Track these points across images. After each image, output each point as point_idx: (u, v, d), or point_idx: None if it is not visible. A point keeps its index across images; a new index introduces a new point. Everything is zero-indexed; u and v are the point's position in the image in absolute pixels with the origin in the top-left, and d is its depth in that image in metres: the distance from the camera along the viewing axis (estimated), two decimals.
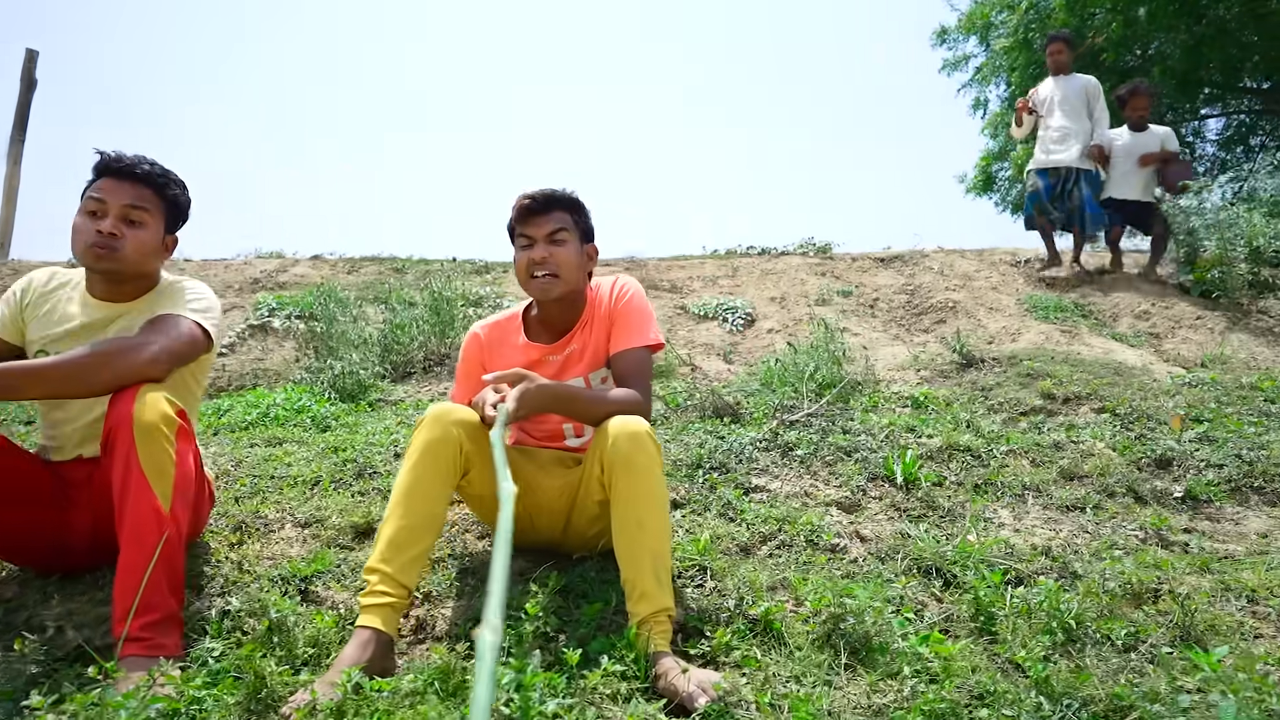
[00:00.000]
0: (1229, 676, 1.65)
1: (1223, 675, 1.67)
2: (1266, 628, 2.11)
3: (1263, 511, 2.87)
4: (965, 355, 4.53)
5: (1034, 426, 3.56)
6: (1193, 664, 1.85)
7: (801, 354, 4.08)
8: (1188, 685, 1.74)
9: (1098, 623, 1.99)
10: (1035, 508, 2.87)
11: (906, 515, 2.74)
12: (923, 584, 2.27)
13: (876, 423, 3.49)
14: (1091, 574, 2.27)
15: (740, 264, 7.21)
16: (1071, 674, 1.74)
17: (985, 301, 6.02)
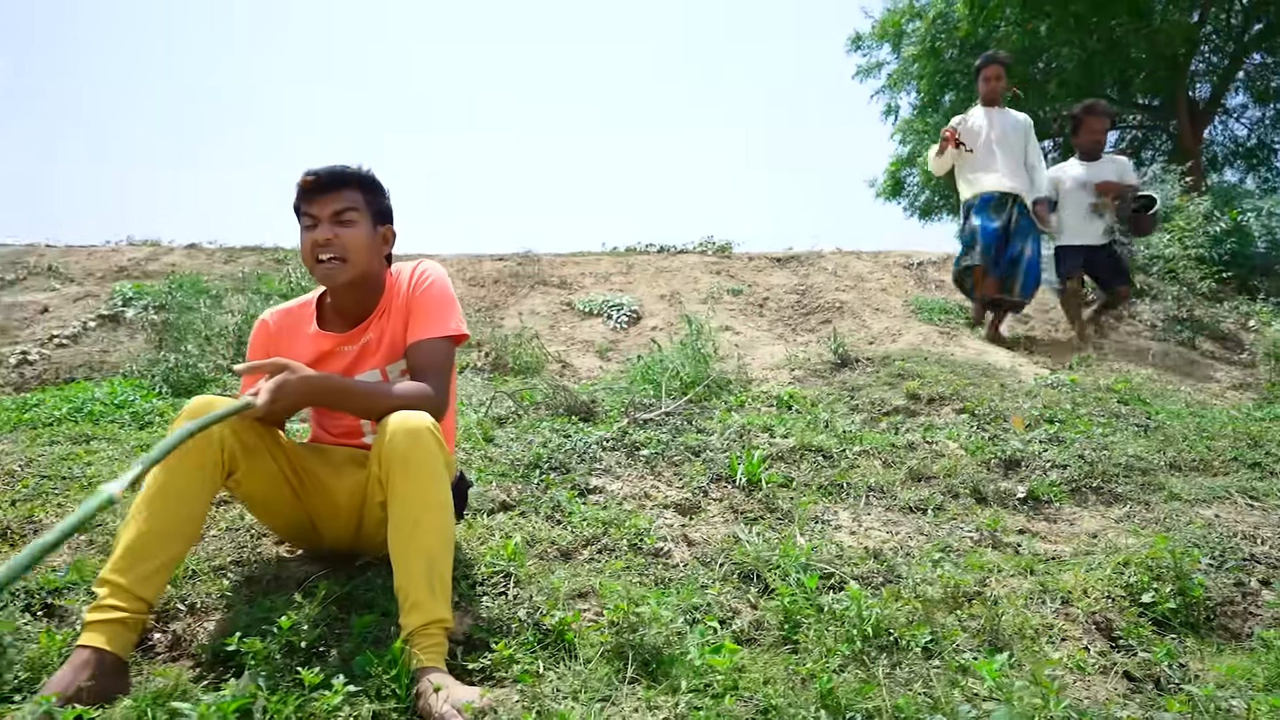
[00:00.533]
0: (1006, 685, 1.58)
1: (1001, 684, 1.59)
2: (1075, 629, 2.07)
3: (1098, 511, 2.87)
4: (841, 355, 4.50)
5: (893, 427, 3.52)
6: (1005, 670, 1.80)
7: (668, 352, 3.97)
8: (979, 693, 1.67)
9: (903, 629, 1.91)
10: (878, 509, 2.81)
11: (743, 517, 2.64)
12: (740, 590, 2.17)
13: (734, 422, 3.40)
14: (911, 578, 2.19)
15: (636, 261, 7.10)
16: (859, 684, 1.65)
17: (873, 302, 6.04)
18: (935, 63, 12.72)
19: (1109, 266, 5.27)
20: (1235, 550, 2.43)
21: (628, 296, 5.92)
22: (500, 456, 2.97)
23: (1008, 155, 5.22)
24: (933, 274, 6.87)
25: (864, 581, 2.26)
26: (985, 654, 1.88)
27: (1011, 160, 5.23)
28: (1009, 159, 5.23)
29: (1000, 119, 5.30)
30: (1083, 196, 5.24)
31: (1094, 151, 5.35)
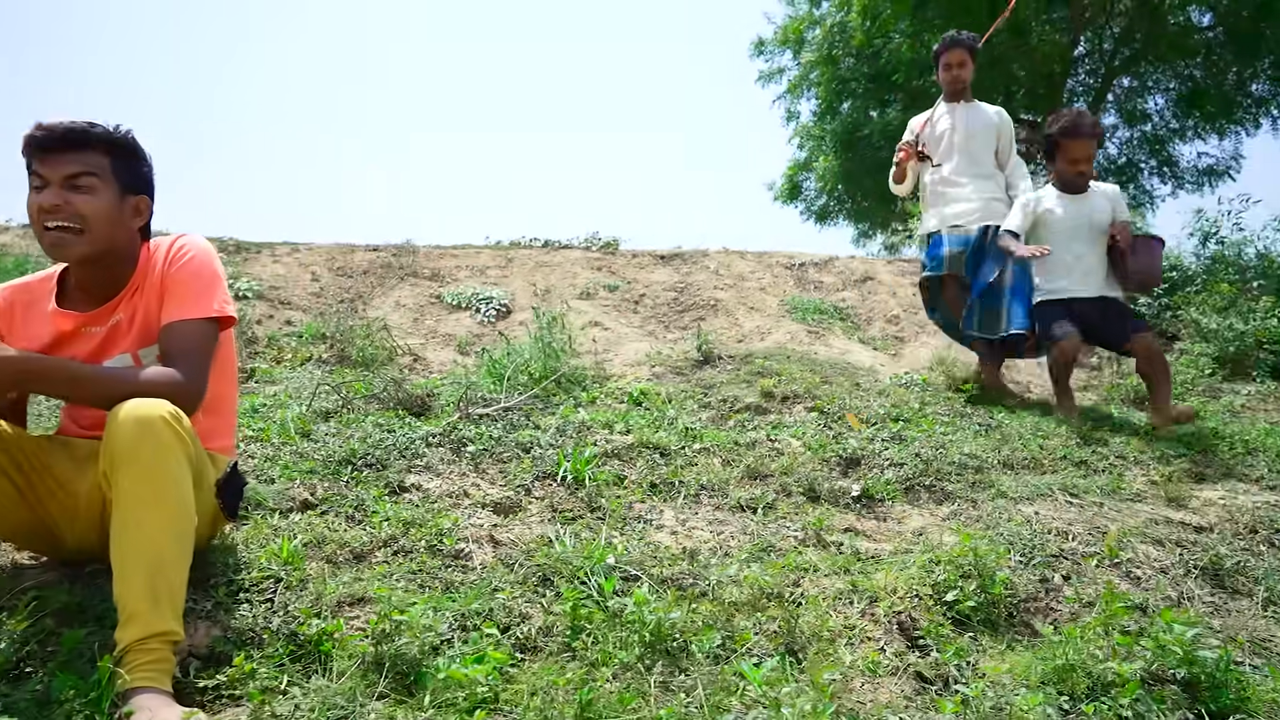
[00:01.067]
0: (773, 692, 1.51)
1: (768, 692, 1.52)
2: (877, 630, 2.02)
3: (928, 509, 2.87)
4: (704, 353, 4.45)
5: (740, 425, 3.47)
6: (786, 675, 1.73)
7: (520, 346, 3.83)
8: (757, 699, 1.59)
9: (690, 633, 1.82)
10: (707, 508, 2.73)
11: (561, 517, 2.52)
12: (536, 594, 2.04)
13: (576, 419, 3.28)
14: (714, 579, 2.11)
15: (517, 256, 6.93)
16: (622, 694, 1.54)
17: (749, 301, 6.04)
18: (833, 70, 12.96)
19: (1113, 317, 3.85)
20: (1045, 547, 2.44)
21: (499, 290, 5.75)
22: (313, 452, 2.77)
23: (976, 166, 4.31)
24: (813, 275, 6.94)
25: (672, 583, 2.17)
26: (779, 657, 1.81)
27: (982, 176, 4.31)
28: (978, 171, 4.31)
29: (968, 116, 4.36)
30: (1065, 240, 3.89)
31: (1078, 183, 3.96)
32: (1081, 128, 3.89)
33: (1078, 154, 3.88)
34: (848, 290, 6.52)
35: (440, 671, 1.52)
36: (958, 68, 4.36)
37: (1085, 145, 3.90)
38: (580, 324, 5.15)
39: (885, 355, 5.03)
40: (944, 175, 4.36)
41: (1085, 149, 3.91)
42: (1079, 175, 3.92)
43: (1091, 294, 3.87)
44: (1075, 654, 1.79)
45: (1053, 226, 3.94)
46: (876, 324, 5.86)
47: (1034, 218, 3.97)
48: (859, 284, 6.69)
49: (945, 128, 4.38)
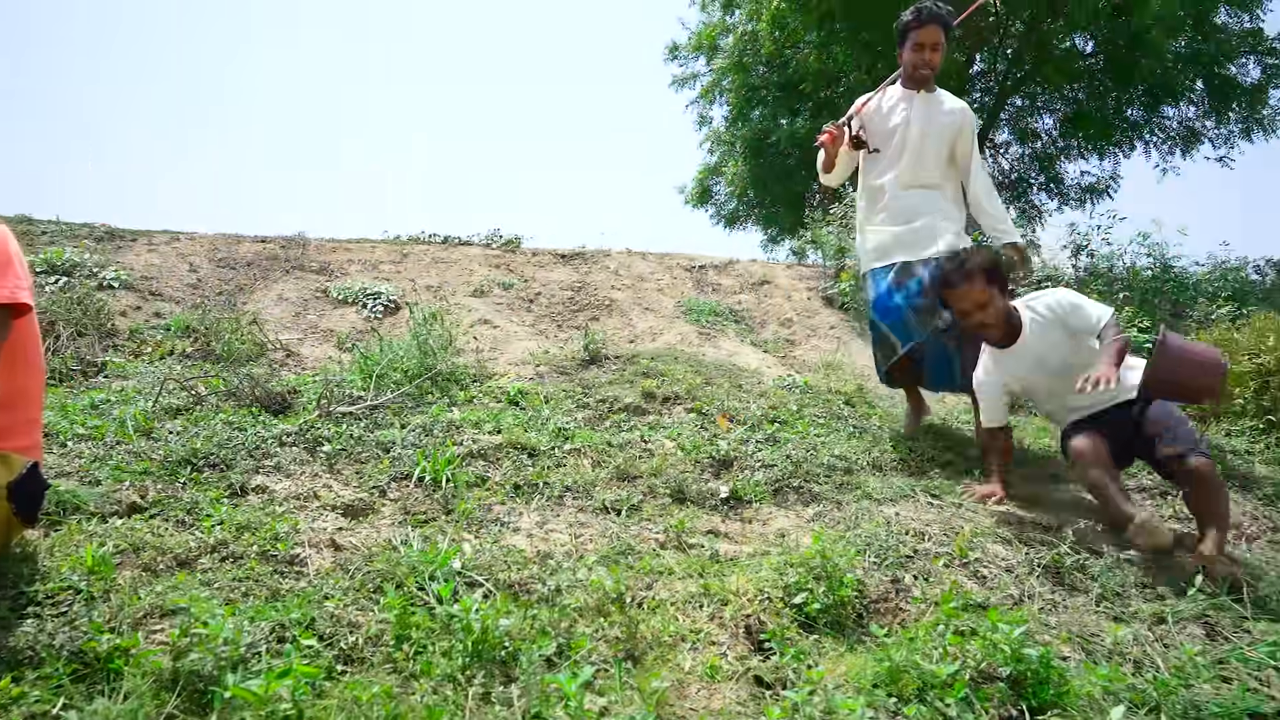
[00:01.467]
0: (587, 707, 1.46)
1: (579, 706, 1.47)
2: (723, 634, 2.00)
3: (794, 511, 2.88)
4: (592, 353, 4.39)
5: (616, 425, 3.43)
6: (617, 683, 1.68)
7: (395, 343, 3.70)
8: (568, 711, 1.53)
9: (521, 641, 1.76)
10: (570, 509, 2.68)
11: (414, 519, 2.43)
12: (371, 600, 1.94)
13: (445, 418, 3.18)
14: (558, 583, 2.06)
15: (413, 251, 6.74)
16: (429, 709, 1.47)
17: (646, 302, 6.02)
18: (743, 78, 13.10)
19: (1135, 434, 2.83)
20: (899, 548, 2.47)
21: (389, 286, 5.57)
22: (150, 452, 2.59)
23: (926, 173, 3.52)
24: (712, 277, 6.97)
25: (520, 588, 2.11)
26: (615, 664, 1.77)
27: (931, 186, 3.53)
28: (928, 180, 3.53)
29: (928, 111, 3.50)
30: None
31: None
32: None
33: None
34: (745, 293, 6.57)
35: (228, 690, 1.40)
36: (930, 50, 3.43)
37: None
38: (468, 322, 5.03)
39: (774, 358, 5.08)
40: (886, 183, 3.54)
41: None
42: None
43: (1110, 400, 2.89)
44: (907, 655, 1.80)
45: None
46: (770, 327, 5.92)
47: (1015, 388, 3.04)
48: (756, 287, 6.76)
49: (899, 121, 3.51)
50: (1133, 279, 6.19)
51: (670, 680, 1.75)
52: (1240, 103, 11.42)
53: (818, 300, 6.56)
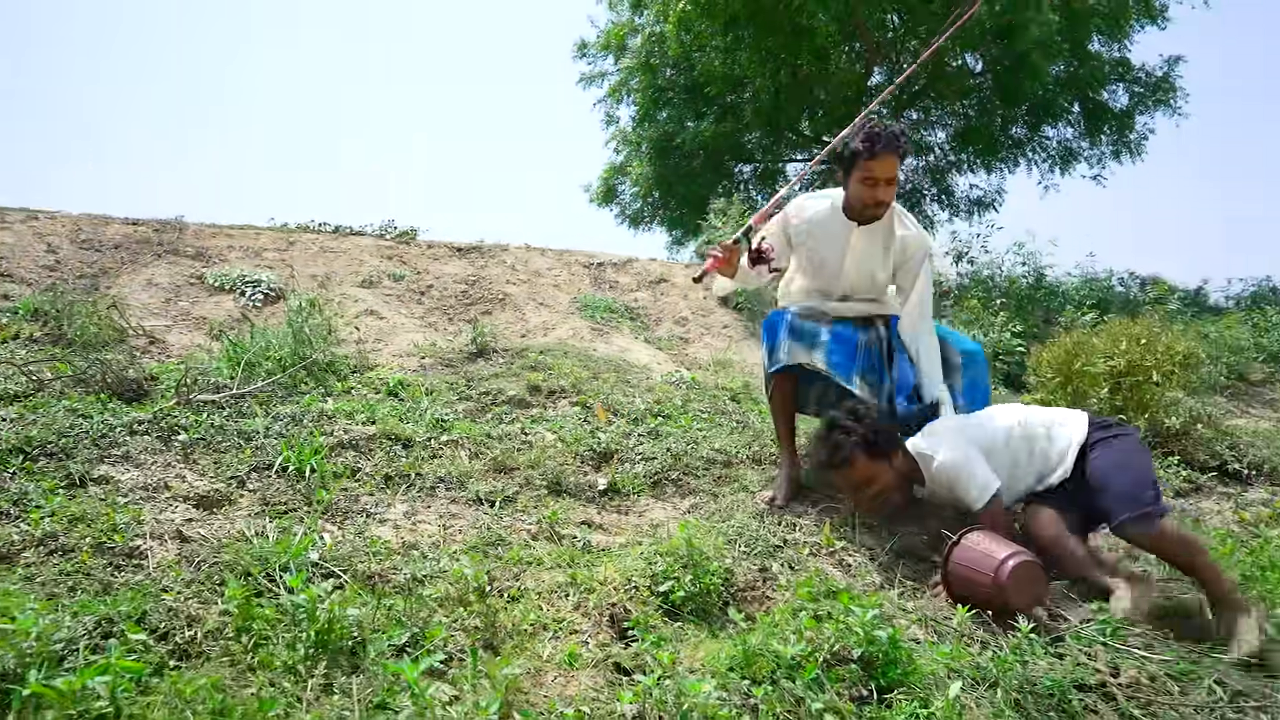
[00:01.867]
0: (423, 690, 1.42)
1: (419, 689, 1.43)
2: (587, 623, 1.99)
3: (670, 503, 2.91)
4: (480, 345, 4.32)
5: (498, 417, 3.38)
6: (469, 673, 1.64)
7: (269, 330, 3.55)
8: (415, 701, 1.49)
9: (371, 631, 1.70)
10: (442, 501, 2.62)
11: (273, 510, 2.32)
12: (215, 593, 1.85)
13: (318, 408, 3.07)
14: (414, 574, 2.01)
15: (301, 240, 6.49)
16: (261, 700, 1.40)
17: (541, 297, 5.97)
18: (651, 78, 13.18)
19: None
20: (769, 538, 2.52)
21: (271, 274, 5.35)
22: None
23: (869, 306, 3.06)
24: (610, 275, 6.97)
25: (380, 579, 2.04)
26: (470, 653, 1.73)
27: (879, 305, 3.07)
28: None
29: (869, 246, 2.96)
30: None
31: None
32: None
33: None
34: (642, 291, 6.61)
35: (27, 688, 1.30)
36: (885, 185, 2.83)
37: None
38: (354, 312, 4.88)
39: (666, 355, 5.12)
40: (819, 300, 3.06)
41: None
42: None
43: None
44: (763, 639, 1.84)
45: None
46: (665, 325, 5.97)
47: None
48: (654, 285, 6.80)
49: (834, 254, 2.98)
50: (1010, 287, 6.53)
51: (526, 668, 1.73)
52: (1111, 126, 12.22)
53: (713, 300, 6.65)
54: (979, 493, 2.52)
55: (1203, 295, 10.97)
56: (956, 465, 2.54)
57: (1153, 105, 11.92)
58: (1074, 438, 2.59)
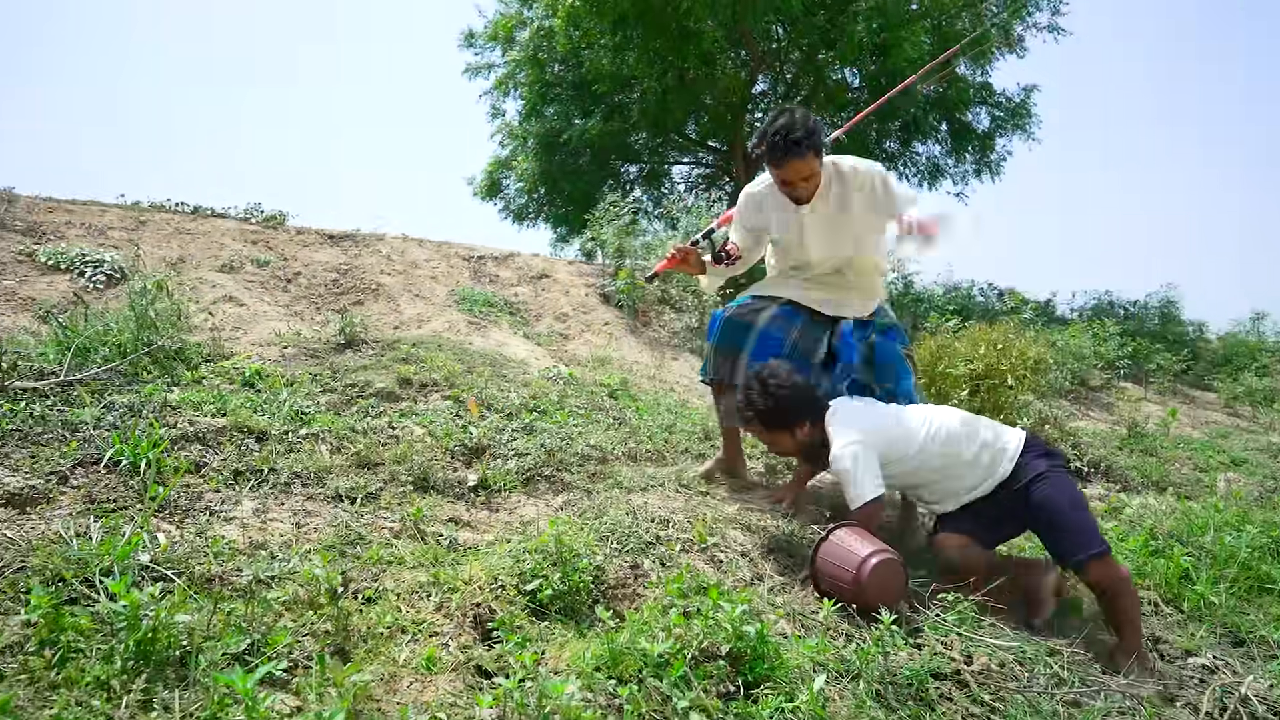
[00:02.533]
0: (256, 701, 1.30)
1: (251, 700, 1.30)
2: (449, 624, 1.89)
3: (543, 499, 2.83)
4: (349, 336, 4.11)
5: (364, 410, 3.21)
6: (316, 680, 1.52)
7: (108, 314, 3.24)
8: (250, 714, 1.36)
9: (203, 639, 1.55)
10: (297, 498, 2.45)
11: (99, 509, 2.10)
12: (19, 601, 1.64)
13: (161, 398, 2.83)
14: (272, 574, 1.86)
15: (154, 219, 6.02)
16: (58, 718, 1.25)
17: (417, 289, 5.76)
18: (538, 73, 13.02)
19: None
20: (641, 535, 2.48)
21: (116, 254, 4.92)
22: None
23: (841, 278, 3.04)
24: (491, 268, 6.82)
25: (222, 582, 1.88)
26: (318, 659, 1.60)
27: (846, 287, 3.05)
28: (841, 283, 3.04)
29: (824, 223, 2.93)
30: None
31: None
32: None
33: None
34: (523, 286, 6.49)
35: None
36: (800, 182, 2.80)
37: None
38: (210, 298, 4.56)
39: (545, 350, 5.03)
40: (790, 268, 3.11)
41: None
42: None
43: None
44: (631, 638, 1.79)
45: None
46: (545, 320, 5.88)
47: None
48: (535, 280, 6.70)
49: (793, 230, 2.97)
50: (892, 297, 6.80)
51: (379, 673, 1.62)
52: (974, 146, 12.96)
53: (595, 297, 6.61)
54: (856, 495, 2.54)
55: (1052, 306, 11.81)
56: (844, 462, 2.55)
57: (1011, 129, 12.72)
58: (1009, 449, 2.58)
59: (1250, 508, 3.82)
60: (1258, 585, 2.91)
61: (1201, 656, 2.40)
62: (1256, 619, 2.66)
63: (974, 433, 2.62)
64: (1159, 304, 11.63)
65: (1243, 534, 3.16)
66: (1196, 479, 4.66)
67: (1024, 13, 11.46)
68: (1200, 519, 3.39)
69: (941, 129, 13.00)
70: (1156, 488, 4.36)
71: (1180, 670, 2.29)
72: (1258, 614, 2.71)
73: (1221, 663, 2.35)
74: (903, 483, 2.71)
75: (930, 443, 2.60)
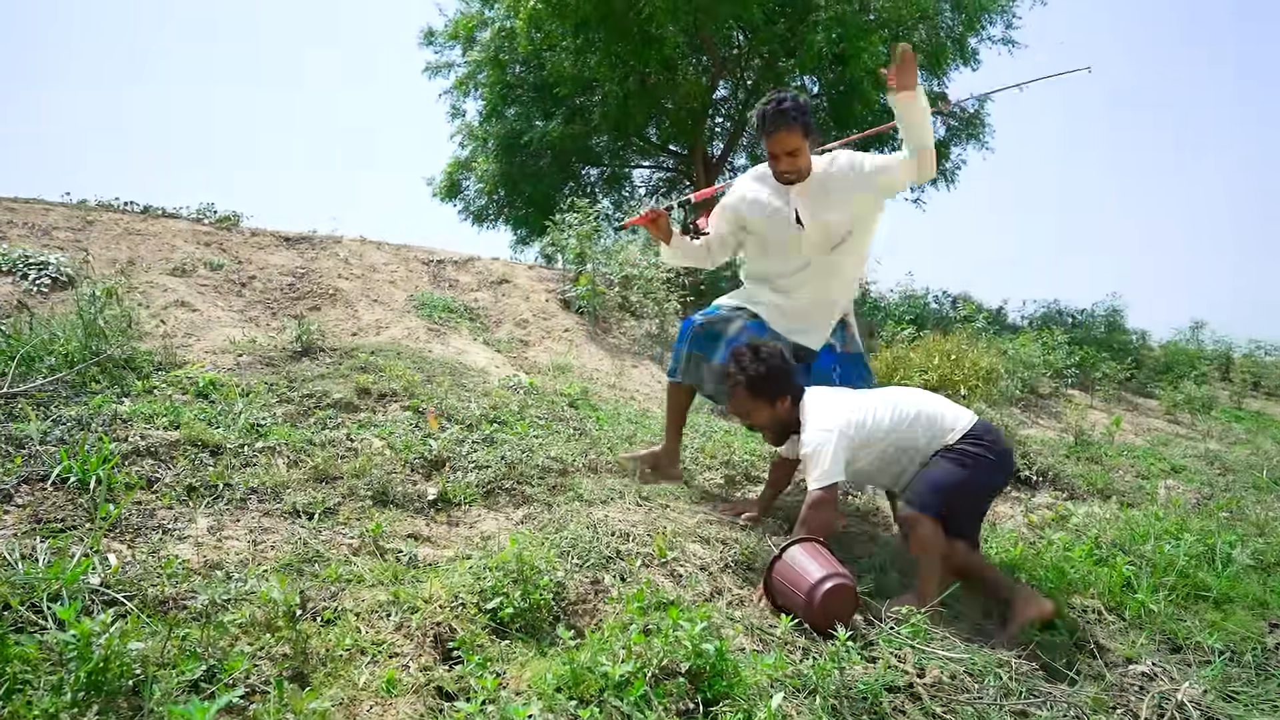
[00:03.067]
0: None
1: None
2: (409, 644, 1.89)
3: (503, 513, 2.83)
4: (305, 343, 4.06)
5: (322, 422, 3.17)
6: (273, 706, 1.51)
7: (54, 321, 3.16)
8: None
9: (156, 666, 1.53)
10: (254, 513, 2.42)
11: (45, 529, 2.06)
12: None
13: (111, 410, 2.76)
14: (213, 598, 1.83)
15: (101, 219, 5.86)
16: None
17: (375, 294, 5.70)
18: (499, 74, 12.93)
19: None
20: (602, 549, 2.49)
21: (62, 255, 4.79)
22: None
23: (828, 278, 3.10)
24: (451, 273, 6.77)
25: (176, 604, 1.85)
26: (276, 684, 1.59)
27: (827, 303, 3.15)
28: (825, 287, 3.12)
29: (814, 203, 3.01)
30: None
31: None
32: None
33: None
34: (483, 291, 6.46)
35: None
36: (787, 157, 2.94)
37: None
38: (161, 303, 4.46)
39: (505, 358, 5.02)
40: (768, 273, 3.17)
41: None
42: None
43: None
44: (591, 657, 1.81)
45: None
46: (505, 326, 5.86)
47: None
48: (495, 285, 6.67)
49: (779, 215, 3.05)
50: None
51: (338, 698, 1.62)
52: None
53: (556, 303, 6.60)
54: (819, 475, 2.63)
55: (1003, 314, 12.09)
56: (816, 445, 2.65)
57: (965, 138, 12.99)
58: (959, 427, 2.73)
59: (1188, 515, 3.97)
60: (1194, 593, 3.02)
61: (1141, 664, 2.48)
62: (1193, 625, 2.76)
63: (931, 416, 2.76)
64: (1105, 313, 11.97)
65: (1180, 542, 3.29)
66: (1139, 486, 4.82)
67: (978, 27, 11.71)
68: (1141, 528, 3.52)
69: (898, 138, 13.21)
70: (1101, 495, 4.50)
71: (1122, 677, 2.37)
72: (1194, 620, 2.81)
73: (1160, 669, 2.43)
74: (870, 467, 2.80)
75: (896, 428, 2.73)
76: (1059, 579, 2.92)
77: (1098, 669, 2.41)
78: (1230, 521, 3.91)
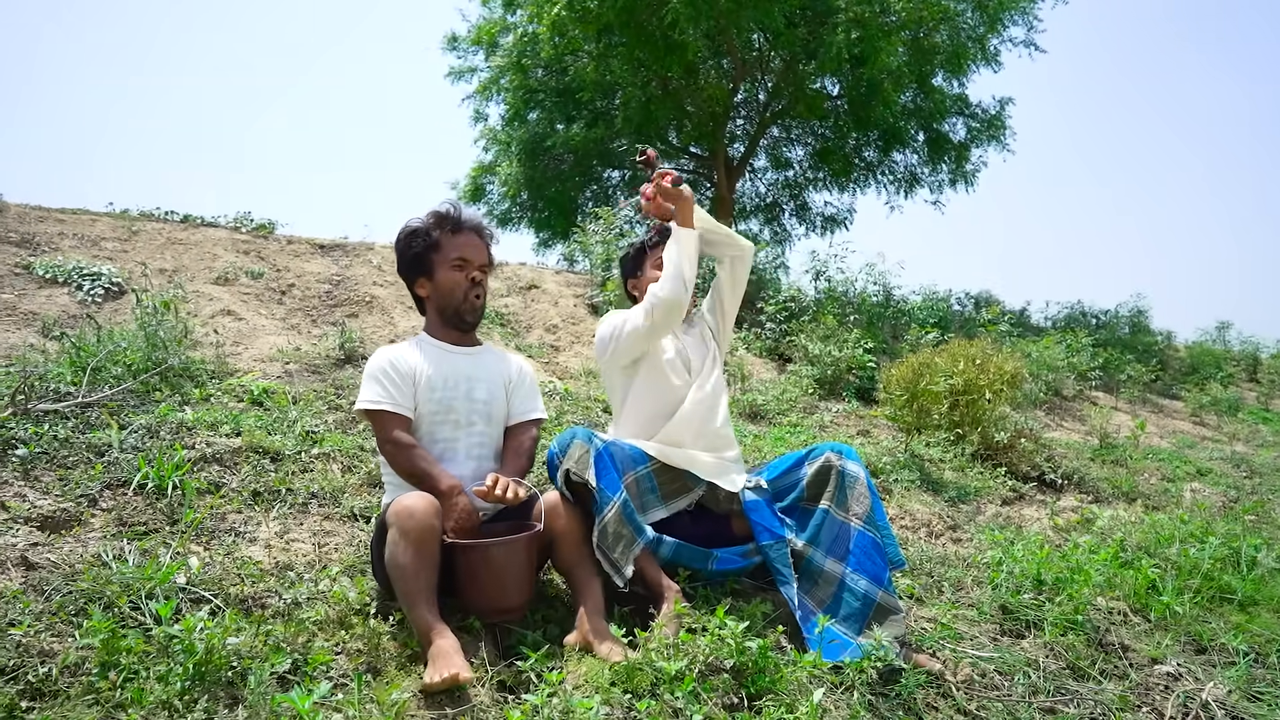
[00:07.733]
0: None
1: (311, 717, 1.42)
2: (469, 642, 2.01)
3: None
4: (348, 351, 4.20)
5: (369, 429, 3.30)
6: (354, 698, 1.63)
7: (120, 332, 3.32)
8: None
9: (250, 660, 1.66)
10: (316, 517, 2.55)
11: (130, 532, 2.20)
12: (71, 624, 1.74)
13: (177, 418, 2.91)
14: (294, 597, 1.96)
15: (145, 229, 6.05)
16: None
17: (409, 300, 5.83)
18: (522, 79, 13.08)
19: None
20: None
21: (113, 266, 4.97)
22: None
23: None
24: None
25: (255, 603, 1.98)
26: (355, 678, 1.72)
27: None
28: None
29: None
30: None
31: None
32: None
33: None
34: (512, 296, 6.59)
35: None
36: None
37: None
38: (209, 312, 4.62)
39: (537, 363, 5.14)
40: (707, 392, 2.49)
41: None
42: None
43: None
44: (642, 654, 1.92)
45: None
46: (536, 332, 5.98)
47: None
48: (524, 291, 6.80)
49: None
50: (862, 304, 6.97)
51: (411, 691, 1.74)
52: (949, 156, 13.22)
53: (584, 308, 6.72)
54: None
55: (1026, 315, 12.09)
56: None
57: (986, 140, 12.99)
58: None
59: (1213, 518, 4.02)
60: (1219, 595, 3.09)
61: (1166, 664, 2.56)
62: (1218, 627, 2.83)
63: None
64: (1129, 313, 11.95)
65: (1205, 545, 3.35)
66: (1164, 489, 4.87)
67: (999, 27, 11.71)
68: (1166, 531, 3.58)
69: (919, 139, 13.26)
70: (1126, 499, 4.56)
71: (1147, 677, 2.46)
72: (1219, 622, 2.88)
73: (1185, 670, 2.51)
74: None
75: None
76: (1084, 580, 3.00)
77: (1123, 669, 2.49)
78: (1256, 525, 3.96)
